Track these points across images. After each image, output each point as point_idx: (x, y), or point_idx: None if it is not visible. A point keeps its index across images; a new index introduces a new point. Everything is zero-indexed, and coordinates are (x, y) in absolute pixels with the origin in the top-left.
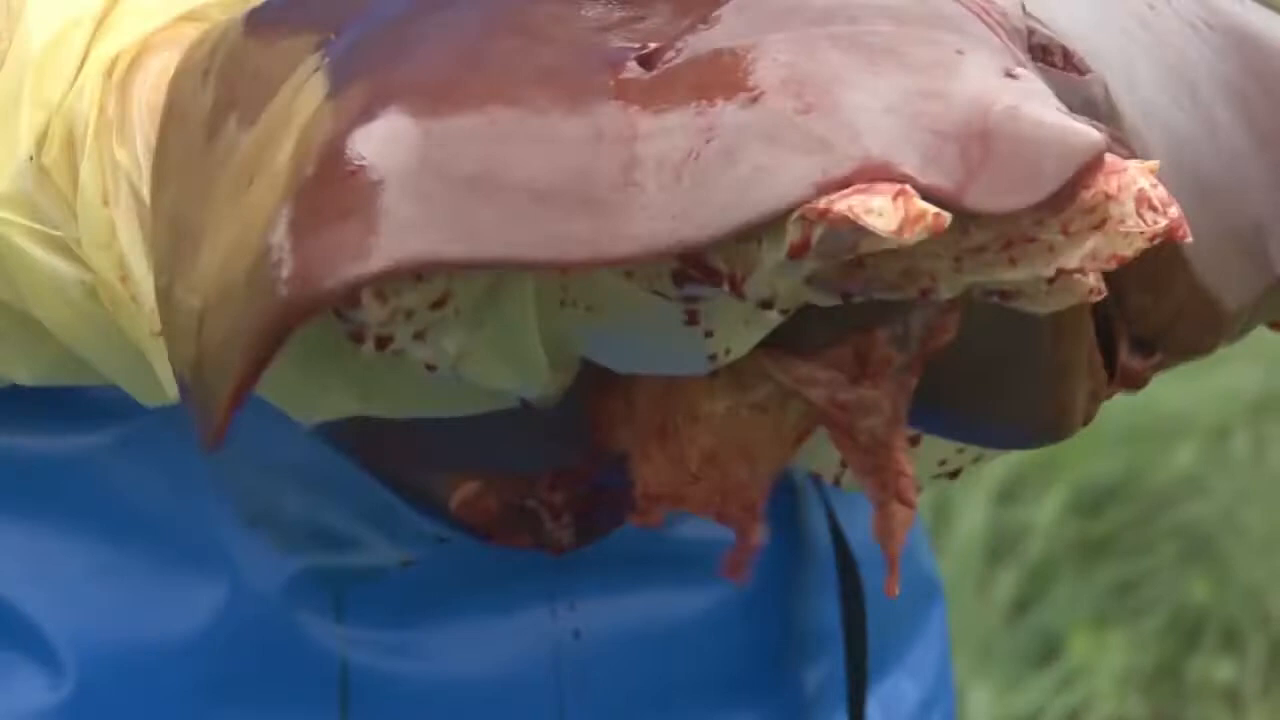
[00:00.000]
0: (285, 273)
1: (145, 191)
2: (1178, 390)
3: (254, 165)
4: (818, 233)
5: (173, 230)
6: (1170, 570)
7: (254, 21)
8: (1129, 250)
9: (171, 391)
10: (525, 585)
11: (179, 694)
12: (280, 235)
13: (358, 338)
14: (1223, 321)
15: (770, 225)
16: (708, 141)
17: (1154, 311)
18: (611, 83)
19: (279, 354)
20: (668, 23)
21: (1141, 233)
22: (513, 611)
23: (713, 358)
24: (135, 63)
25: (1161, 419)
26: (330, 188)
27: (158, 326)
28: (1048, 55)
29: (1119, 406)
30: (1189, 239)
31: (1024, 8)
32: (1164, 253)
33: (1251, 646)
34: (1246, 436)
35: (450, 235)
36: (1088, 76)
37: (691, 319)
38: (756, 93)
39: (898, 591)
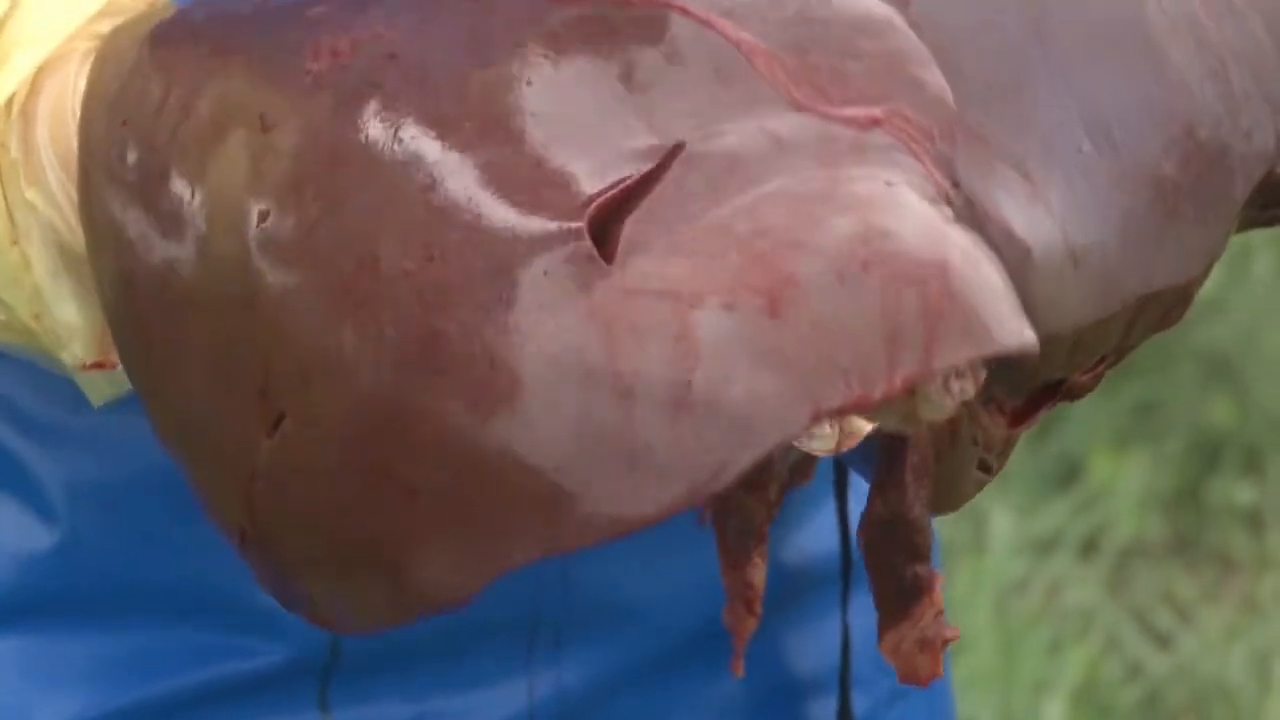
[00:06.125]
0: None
1: (67, 225)
2: None
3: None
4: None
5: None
6: (1191, 392)
7: (161, 47)
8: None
9: (101, 397)
10: None
11: (159, 522)
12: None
13: None
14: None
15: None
16: (693, 369)
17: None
18: (579, 295)
19: None
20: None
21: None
22: None
23: None
24: (33, 90)
25: None
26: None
27: (79, 359)
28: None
29: None
30: None
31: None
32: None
33: (1272, 468)
34: (1268, 257)
35: (498, 555)
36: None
37: None
38: (727, 295)
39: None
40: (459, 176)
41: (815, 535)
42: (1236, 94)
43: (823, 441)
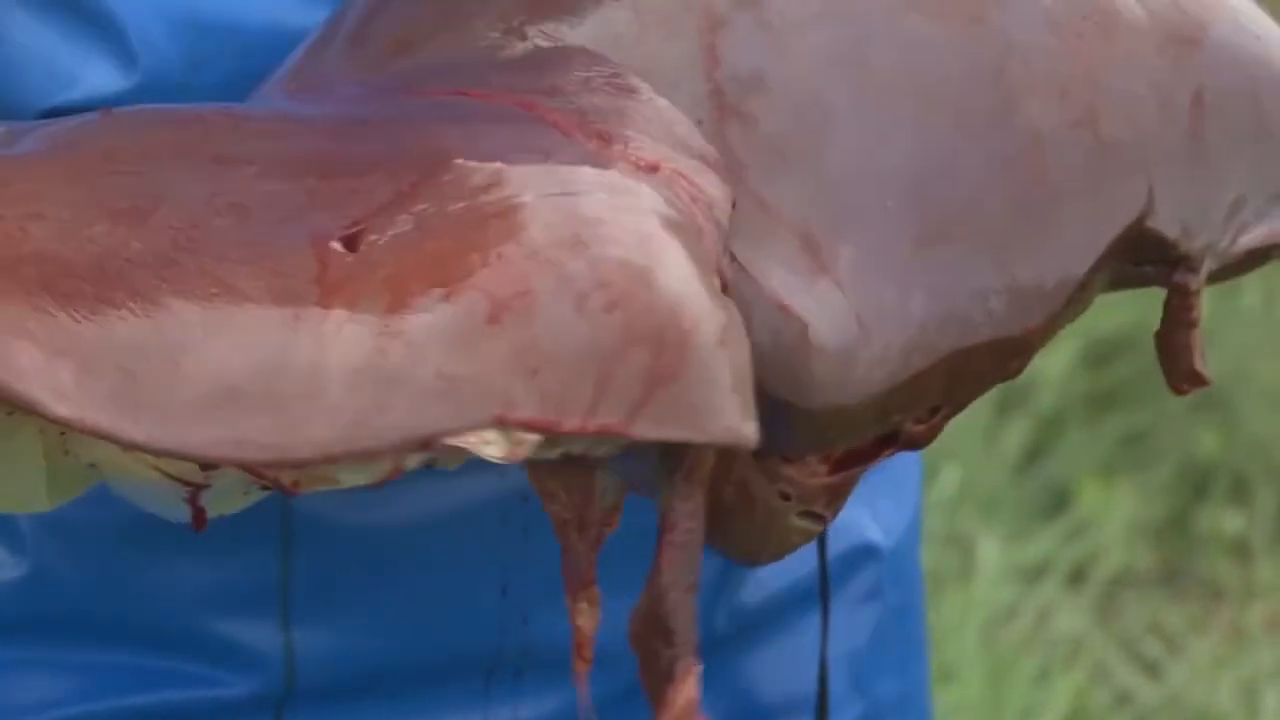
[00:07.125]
0: None
1: None
2: None
3: None
4: (414, 460)
5: None
6: (1179, 422)
7: None
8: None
9: None
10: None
11: (122, 560)
12: None
13: None
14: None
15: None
16: (394, 339)
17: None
18: (313, 264)
19: None
20: (381, 198)
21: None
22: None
23: (198, 514)
24: None
25: None
26: None
27: None
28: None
29: None
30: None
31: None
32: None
33: (1260, 498)
34: (1257, 288)
35: (151, 429)
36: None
37: (191, 499)
38: (449, 291)
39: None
40: (241, 189)
41: (793, 555)
42: (1104, 143)
43: (494, 448)
